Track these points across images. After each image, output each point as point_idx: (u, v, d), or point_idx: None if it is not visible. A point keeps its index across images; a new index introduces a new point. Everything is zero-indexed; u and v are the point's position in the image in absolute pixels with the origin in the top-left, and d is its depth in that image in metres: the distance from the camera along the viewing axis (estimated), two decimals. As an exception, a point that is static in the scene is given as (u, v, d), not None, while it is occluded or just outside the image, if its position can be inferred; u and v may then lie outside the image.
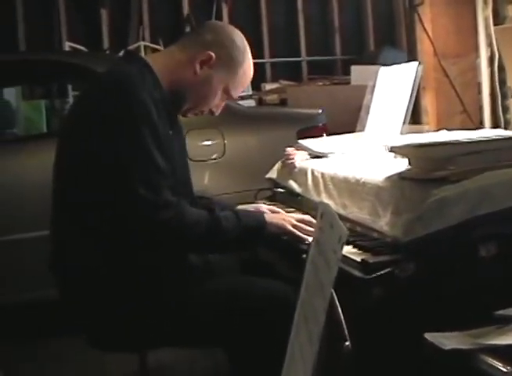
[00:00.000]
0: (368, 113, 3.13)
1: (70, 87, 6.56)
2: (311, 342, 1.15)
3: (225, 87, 2.45)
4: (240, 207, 2.65)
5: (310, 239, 2.37)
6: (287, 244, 2.43)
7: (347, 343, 1.39)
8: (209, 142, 4.20)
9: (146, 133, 2.19)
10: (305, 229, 2.40)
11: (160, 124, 2.26)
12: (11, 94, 6.25)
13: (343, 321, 1.52)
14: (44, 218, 4.05)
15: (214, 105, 2.48)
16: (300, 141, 3.21)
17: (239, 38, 2.47)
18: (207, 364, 3.49)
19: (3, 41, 7.29)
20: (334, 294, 1.43)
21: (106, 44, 7.35)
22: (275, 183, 3.14)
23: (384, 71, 3.14)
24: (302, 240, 2.37)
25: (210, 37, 2.41)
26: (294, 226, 2.41)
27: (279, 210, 2.59)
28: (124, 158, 2.19)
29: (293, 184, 2.93)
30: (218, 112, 2.53)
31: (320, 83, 6.80)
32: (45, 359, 3.77)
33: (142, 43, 6.90)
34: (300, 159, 3.01)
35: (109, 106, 2.23)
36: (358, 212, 2.34)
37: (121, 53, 6.55)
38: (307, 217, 2.50)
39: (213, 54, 2.39)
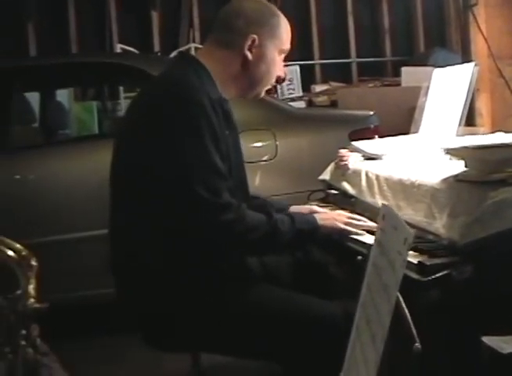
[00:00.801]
0: (422, 115, 3.11)
1: (121, 89, 6.61)
2: (374, 343, 1.15)
3: (278, 50, 2.47)
4: (294, 207, 2.67)
5: (364, 233, 2.43)
6: (340, 245, 2.44)
7: (416, 344, 1.38)
8: (261, 144, 4.20)
9: (205, 134, 2.21)
10: (357, 225, 2.45)
11: (217, 124, 2.28)
12: (63, 96, 6.35)
13: (411, 322, 1.52)
14: (96, 218, 4.15)
15: (278, 72, 2.50)
16: (353, 142, 3.20)
17: (256, 2, 2.50)
18: (260, 364, 3.50)
19: (56, 44, 7.40)
20: (400, 296, 1.43)
21: (156, 46, 7.40)
22: (328, 185, 3.14)
23: (438, 73, 3.12)
24: (354, 234, 2.42)
25: (240, 22, 2.41)
26: (346, 224, 2.44)
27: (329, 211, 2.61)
28: (182, 160, 2.21)
29: (346, 186, 2.92)
30: (284, 74, 2.55)
31: (370, 85, 6.78)
32: (101, 359, 3.82)
33: (192, 45, 6.93)
34: (353, 161, 3.00)
35: (167, 108, 2.25)
36: (413, 214, 2.33)
37: (173, 54, 6.65)
38: (356, 216, 2.53)
39: (254, 35, 2.40)
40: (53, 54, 6.89)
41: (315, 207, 2.67)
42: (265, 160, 4.16)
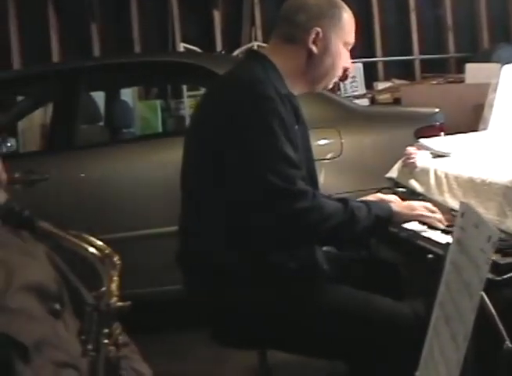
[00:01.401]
0: (491, 111, 3.07)
1: (185, 87, 6.65)
2: (455, 343, 1.14)
3: (343, 42, 2.46)
4: (363, 198, 2.64)
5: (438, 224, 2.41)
6: (410, 243, 2.42)
7: (507, 343, 1.36)
8: (325, 141, 4.19)
9: (275, 125, 2.22)
10: (431, 216, 2.43)
11: (287, 117, 2.28)
12: (128, 94, 6.42)
13: (498, 321, 1.50)
14: (160, 216, 4.19)
15: (344, 64, 2.49)
16: (421, 140, 3.17)
17: None
18: (325, 362, 3.50)
19: (118, 44, 7.49)
20: (484, 295, 1.42)
21: (218, 44, 7.44)
22: (395, 183, 3.11)
23: (508, 69, 3.07)
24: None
25: (302, 16, 2.41)
26: (420, 215, 2.43)
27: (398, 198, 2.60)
28: (254, 151, 2.22)
29: (414, 184, 2.90)
30: (350, 65, 2.53)
31: (434, 82, 6.69)
32: (167, 355, 3.84)
33: (255, 43, 6.94)
34: (421, 158, 2.97)
35: (237, 103, 2.27)
36: (484, 213, 2.29)
37: (236, 52, 6.69)
38: (428, 204, 2.51)
39: (317, 28, 2.40)
40: (117, 53, 6.99)
41: (380, 195, 2.66)
42: (329, 158, 4.15)
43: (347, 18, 2.47)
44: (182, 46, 6.95)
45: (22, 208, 1.27)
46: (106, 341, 1.27)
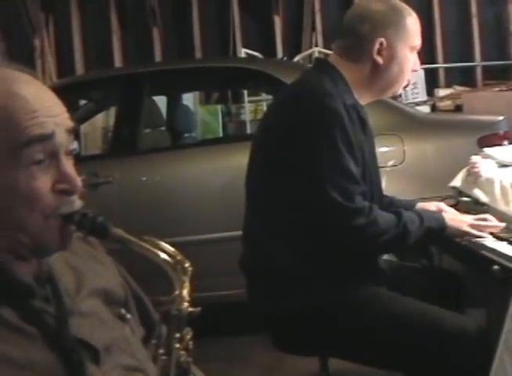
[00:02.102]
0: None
1: (245, 93, 6.68)
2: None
3: (409, 47, 2.43)
4: (420, 203, 2.66)
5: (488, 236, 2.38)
6: (473, 253, 2.40)
7: None
8: (388, 149, 4.17)
9: (339, 140, 2.23)
10: (483, 227, 2.41)
11: (352, 130, 2.28)
12: (189, 99, 6.47)
13: None
14: (219, 221, 4.22)
15: (412, 67, 2.47)
16: (485, 149, 3.13)
17: (379, 1, 2.44)
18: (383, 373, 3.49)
19: (179, 49, 7.56)
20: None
21: (279, 50, 7.46)
22: (459, 192, 3.09)
23: None
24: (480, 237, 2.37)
25: (365, 27, 2.39)
26: (472, 226, 2.41)
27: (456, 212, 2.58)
28: (317, 164, 2.24)
29: (478, 193, 2.86)
30: (418, 67, 2.51)
31: (496, 89, 6.61)
32: (225, 359, 3.87)
33: (315, 49, 6.94)
34: (486, 168, 2.94)
35: (304, 114, 2.28)
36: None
37: (297, 58, 6.69)
38: (484, 216, 2.49)
39: (381, 38, 2.38)
40: (180, 59, 7.07)
41: (443, 205, 2.64)
42: (391, 166, 4.12)
43: (412, 22, 2.43)
44: (243, 52, 6.98)
45: (96, 214, 1.27)
46: (177, 345, 1.28)
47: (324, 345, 2.39)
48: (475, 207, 2.88)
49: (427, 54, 7.42)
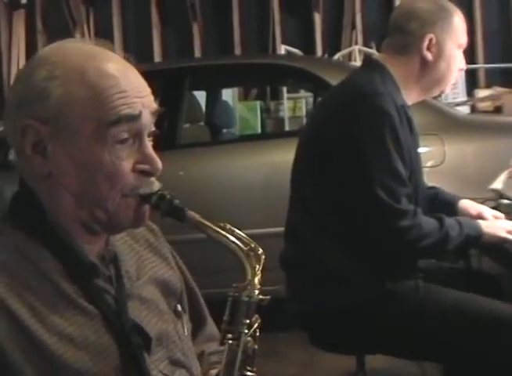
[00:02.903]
0: None
1: (285, 89, 6.69)
2: None
3: (456, 44, 2.45)
4: (464, 201, 2.67)
5: None
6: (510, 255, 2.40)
7: None
8: (427, 149, 4.15)
9: (389, 141, 2.25)
10: None
11: (402, 131, 2.29)
12: (228, 95, 6.49)
13: None
14: (257, 216, 4.23)
15: (458, 65, 2.48)
16: (527, 152, 3.12)
17: (426, 0, 2.46)
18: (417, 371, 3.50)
19: (219, 44, 7.59)
20: None
21: (318, 47, 7.45)
22: (499, 194, 3.07)
23: None
24: None
25: (414, 24, 2.41)
26: (510, 232, 2.41)
27: (501, 215, 2.57)
28: (366, 163, 2.27)
29: (519, 196, 2.86)
30: (464, 65, 2.52)
31: (538, 90, 6.55)
32: (264, 354, 3.87)
33: (355, 47, 6.92)
34: (528, 171, 2.93)
35: (355, 115, 2.31)
36: None
37: (337, 56, 6.67)
38: None
39: (431, 34, 2.40)
40: (222, 55, 7.09)
41: (485, 209, 2.64)
42: (430, 166, 4.10)
43: (459, 20, 2.46)
44: (283, 48, 6.98)
45: (173, 196, 1.30)
46: (246, 331, 1.28)
47: (362, 341, 2.41)
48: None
49: (467, 54, 7.30)
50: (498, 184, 3.09)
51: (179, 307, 1.49)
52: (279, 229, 2.57)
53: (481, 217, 2.55)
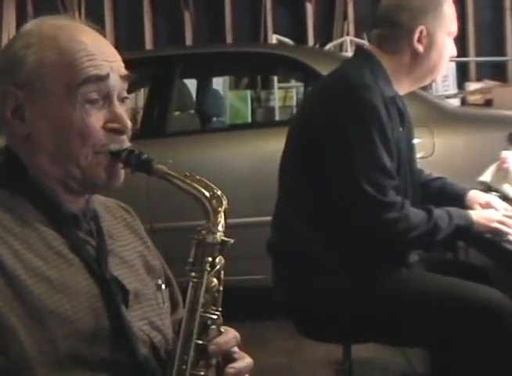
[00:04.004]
0: None
1: (275, 79, 6.68)
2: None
3: (447, 33, 2.44)
4: (473, 192, 2.66)
5: None
6: (499, 248, 2.40)
7: None
8: (417, 140, 4.15)
9: (375, 134, 2.25)
10: (509, 229, 2.40)
11: (389, 124, 2.29)
12: (219, 83, 6.49)
13: None
14: (245, 205, 4.22)
15: (450, 52, 2.48)
16: (516, 145, 3.13)
17: None
18: (403, 361, 3.52)
19: (210, 32, 7.57)
20: None
21: (310, 37, 7.44)
22: (487, 187, 3.09)
23: None
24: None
25: (404, 16, 2.39)
26: (500, 222, 2.41)
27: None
28: (351, 158, 2.27)
29: (508, 189, 2.87)
30: (455, 52, 2.51)
31: (528, 84, 6.57)
32: (251, 343, 3.88)
33: (347, 38, 6.91)
34: (516, 163, 2.94)
35: (342, 110, 2.31)
36: None
37: (328, 47, 6.65)
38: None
39: (421, 26, 2.38)
40: (213, 43, 7.08)
41: (493, 200, 2.62)
42: (420, 158, 4.10)
43: (449, 8, 2.44)
44: (274, 38, 6.97)
45: (141, 152, 1.37)
46: (208, 269, 1.32)
47: (349, 330, 2.42)
48: (504, 202, 2.88)
49: (458, 47, 7.32)
50: (486, 177, 3.11)
51: (159, 281, 1.53)
52: (268, 218, 2.57)
53: (489, 207, 2.54)
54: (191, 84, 5.74)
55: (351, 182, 2.25)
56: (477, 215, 2.43)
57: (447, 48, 2.44)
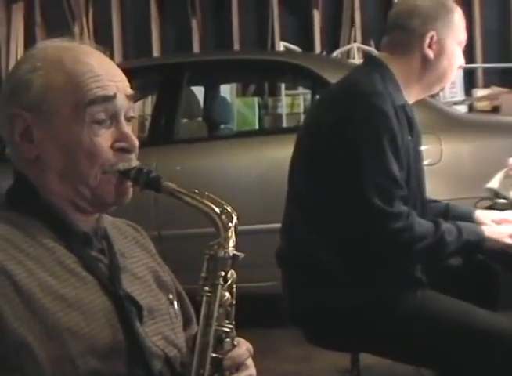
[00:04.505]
0: None
1: (283, 86, 6.69)
2: None
3: (457, 41, 2.44)
4: (479, 212, 2.63)
5: None
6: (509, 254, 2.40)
7: None
8: (424, 147, 4.14)
9: (385, 143, 2.24)
10: None
11: (399, 132, 2.29)
12: (226, 91, 6.50)
13: None
14: (254, 213, 4.22)
15: (458, 62, 2.47)
16: (524, 151, 3.13)
17: None
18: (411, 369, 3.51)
19: (217, 40, 7.59)
20: None
21: (317, 45, 7.45)
22: (495, 193, 3.08)
23: None
24: None
25: (415, 21, 2.39)
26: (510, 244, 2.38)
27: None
28: (360, 166, 2.26)
29: (516, 196, 2.87)
30: (463, 62, 2.52)
31: (535, 90, 6.56)
32: (261, 351, 3.89)
33: (354, 45, 6.92)
34: (524, 170, 2.93)
35: (351, 117, 2.30)
36: None
37: (335, 53, 6.66)
38: None
39: (432, 32, 2.38)
40: (220, 50, 7.10)
41: (503, 216, 2.58)
42: (428, 164, 4.10)
43: (459, 17, 2.44)
44: (282, 45, 6.98)
45: (149, 170, 1.39)
46: (221, 283, 1.35)
47: (358, 341, 2.41)
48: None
49: (466, 53, 7.27)
50: (494, 183, 3.10)
51: (171, 296, 1.55)
52: (276, 225, 2.57)
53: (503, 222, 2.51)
54: (198, 91, 5.76)
55: (359, 191, 2.24)
56: (489, 230, 2.40)
57: (456, 56, 2.44)
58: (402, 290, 2.33)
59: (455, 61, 2.44)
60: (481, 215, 2.59)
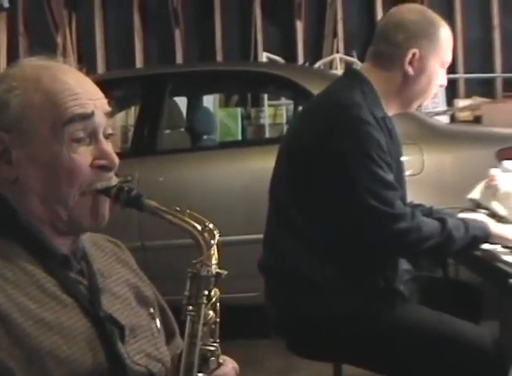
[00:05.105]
0: None
1: (265, 96, 6.71)
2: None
3: (440, 62, 2.41)
4: (462, 215, 2.63)
5: None
6: (490, 266, 2.41)
7: None
8: (406, 158, 4.16)
9: (371, 150, 2.23)
10: None
11: (383, 137, 2.29)
12: (209, 101, 6.51)
13: None
14: (236, 223, 4.22)
15: (439, 82, 2.46)
16: (504, 162, 3.14)
17: (416, 11, 2.44)
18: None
19: (200, 51, 7.61)
20: None
21: (300, 55, 7.48)
22: (477, 204, 3.10)
23: None
24: None
25: (400, 36, 2.37)
26: None
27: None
28: (352, 178, 2.25)
29: (497, 206, 2.87)
30: (445, 82, 2.50)
31: (516, 101, 6.60)
32: (244, 361, 3.88)
33: (337, 55, 6.95)
34: (505, 181, 2.95)
35: (333, 129, 2.29)
36: None
37: (318, 64, 6.68)
38: None
39: (415, 49, 2.36)
40: (203, 61, 7.11)
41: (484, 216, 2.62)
42: (409, 175, 4.11)
43: (446, 36, 2.42)
44: (264, 56, 7.01)
45: (130, 188, 1.38)
46: (205, 301, 1.34)
47: (340, 352, 2.41)
48: (493, 220, 2.89)
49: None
50: (475, 194, 3.11)
51: (152, 310, 1.54)
52: (259, 236, 2.56)
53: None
54: (181, 102, 5.76)
55: (355, 201, 2.23)
56: (494, 226, 2.43)
57: (437, 76, 2.42)
58: (383, 302, 2.33)
59: (435, 81, 2.42)
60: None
